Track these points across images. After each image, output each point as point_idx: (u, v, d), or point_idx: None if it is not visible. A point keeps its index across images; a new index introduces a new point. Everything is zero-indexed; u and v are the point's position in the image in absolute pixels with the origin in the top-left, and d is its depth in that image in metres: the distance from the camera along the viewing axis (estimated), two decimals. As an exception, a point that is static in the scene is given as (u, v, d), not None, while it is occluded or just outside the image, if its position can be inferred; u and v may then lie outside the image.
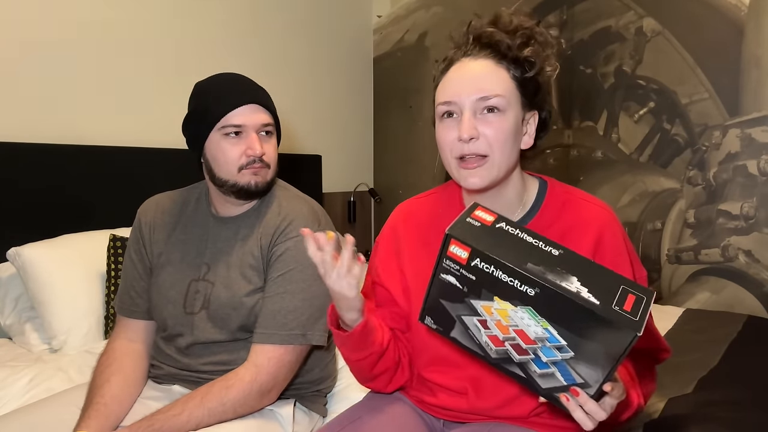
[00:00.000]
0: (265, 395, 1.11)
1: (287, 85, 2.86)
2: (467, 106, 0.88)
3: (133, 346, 1.22)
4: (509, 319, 0.71)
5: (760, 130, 2.35)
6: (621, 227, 0.95)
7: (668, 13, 2.55)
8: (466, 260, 0.70)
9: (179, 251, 1.22)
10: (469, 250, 0.69)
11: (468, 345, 0.78)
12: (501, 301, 0.71)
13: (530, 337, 0.71)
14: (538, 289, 0.67)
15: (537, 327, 0.70)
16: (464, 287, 0.72)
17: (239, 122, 1.13)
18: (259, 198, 1.21)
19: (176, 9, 2.34)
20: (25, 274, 1.63)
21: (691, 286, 2.57)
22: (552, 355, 0.71)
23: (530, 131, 0.94)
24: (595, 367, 0.69)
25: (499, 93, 0.87)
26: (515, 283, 0.68)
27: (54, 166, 1.86)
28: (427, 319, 0.80)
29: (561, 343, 0.69)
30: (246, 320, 1.15)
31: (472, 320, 0.75)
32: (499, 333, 0.73)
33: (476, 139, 0.88)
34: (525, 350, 0.73)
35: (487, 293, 0.71)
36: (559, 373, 0.72)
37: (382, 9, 3.42)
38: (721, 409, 1.28)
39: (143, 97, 2.22)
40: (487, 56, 0.89)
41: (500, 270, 0.68)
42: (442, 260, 0.72)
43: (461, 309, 0.75)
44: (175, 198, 1.29)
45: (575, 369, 0.71)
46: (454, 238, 0.70)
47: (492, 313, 0.72)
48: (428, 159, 3.28)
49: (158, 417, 1.03)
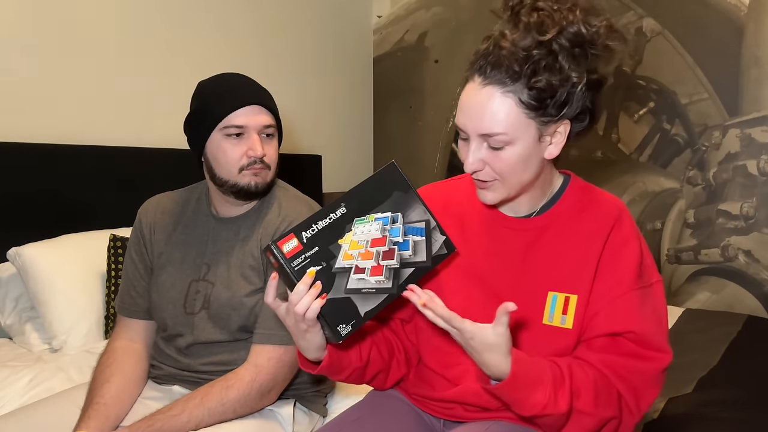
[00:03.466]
0: (265, 395, 1.11)
1: (287, 85, 2.86)
2: (472, 137, 0.87)
3: (133, 346, 1.22)
4: (360, 243, 0.83)
5: (759, 130, 2.35)
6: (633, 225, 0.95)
7: (668, 13, 2.55)
8: (300, 245, 0.80)
9: (180, 251, 1.22)
10: (292, 235, 0.80)
11: (376, 304, 0.84)
12: (343, 239, 0.83)
13: (379, 236, 0.84)
14: (342, 203, 0.83)
15: (372, 225, 0.84)
16: (322, 263, 0.81)
17: (241, 123, 1.13)
18: (258, 199, 1.21)
19: (176, 9, 2.34)
20: (25, 274, 1.63)
21: (691, 286, 2.57)
22: (397, 231, 0.85)
23: (557, 141, 0.89)
24: (413, 205, 0.87)
25: (500, 131, 0.83)
26: (331, 216, 0.82)
27: (54, 166, 1.86)
28: (340, 328, 0.82)
29: (387, 215, 0.85)
30: (246, 321, 1.15)
31: (352, 279, 0.83)
32: (371, 262, 0.84)
33: (480, 170, 0.88)
34: (389, 250, 0.85)
35: (334, 246, 0.82)
36: (414, 236, 0.86)
37: (382, 9, 3.42)
38: (721, 409, 1.28)
39: (143, 97, 2.22)
40: (493, 82, 0.83)
41: (320, 220, 0.82)
42: (292, 268, 0.80)
43: (339, 283, 0.82)
44: (176, 198, 1.29)
45: (411, 222, 0.86)
46: (277, 240, 0.79)
47: (351, 255, 0.83)
48: (428, 159, 3.28)
49: (158, 417, 1.03)
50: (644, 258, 0.93)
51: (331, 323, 0.81)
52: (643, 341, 0.88)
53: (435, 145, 3.26)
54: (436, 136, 3.24)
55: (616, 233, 0.92)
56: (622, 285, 0.89)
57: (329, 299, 0.81)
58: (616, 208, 0.95)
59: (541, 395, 0.82)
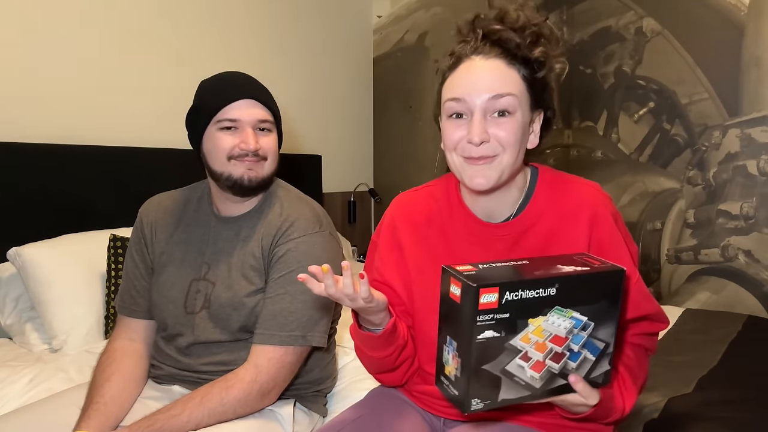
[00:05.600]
0: (265, 396, 1.11)
1: (287, 85, 2.86)
2: (478, 107, 0.86)
3: (133, 345, 1.22)
4: (544, 333, 0.76)
5: (759, 130, 2.36)
6: (611, 205, 0.96)
7: (668, 13, 2.55)
8: (497, 302, 0.71)
9: (181, 251, 1.22)
10: (497, 289, 0.71)
11: (516, 396, 0.77)
12: (534, 320, 0.75)
13: (562, 336, 0.77)
14: (557, 284, 0.74)
15: (565, 321, 0.76)
16: (501, 332, 0.73)
17: (234, 116, 1.13)
18: (255, 194, 1.21)
19: (177, 10, 2.34)
20: (25, 274, 1.63)
21: (691, 286, 2.57)
22: (580, 338, 0.78)
23: (536, 130, 0.94)
24: (608, 323, 0.79)
25: (511, 92, 0.86)
26: (540, 292, 0.73)
27: (54, 166, 1.86)
28: (474, 402, 0.75)
29: (583, 320, 0.77)
30: (247, 321, 1.15)
31: (515, 363, 0.75)
32: (539, 355, 0.76)
33: (487, 142, 0.87)
34: (561, 353, 0.78)
35: (522, 322, 0.74)
36: (588, 352, 0.79)
37: (382, 9, 3.42)
38: (721, 409, 1.28)
39: (143, 97, 2.22)
40: (498, 56, 0.87)
41: (526, 289, 0.73)
42: (475, 320, 0.71)
43: (503, 359, 0.75)
44: (177, 197, 1.29)
45: (596, 337, 0.79)
46: (482, 287, 0.70)
47: (530, 339, 0.75)
48: (428, 159, 3.28)
49: (158, 417, 1.03)
50: (626, 237, 0.95)
51: (470, 392, 0.75)
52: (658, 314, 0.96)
53: (435, 145, 3.26)
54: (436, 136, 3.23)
55: (598, 226, 0.92)
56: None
57: (483, 368, 0.74)
58: (590, 198, 0.94)
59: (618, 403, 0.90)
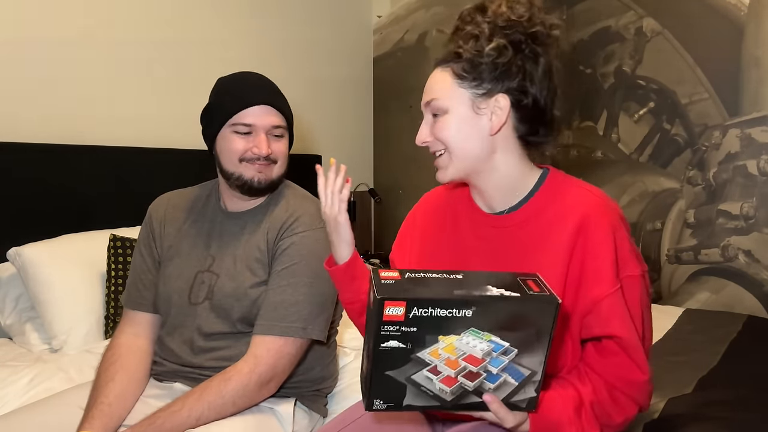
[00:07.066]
0: (263, 386, 1.11)
1: (287, 85, 2.84)
2: (425, 114, 0.98)
3: (137, 342, 1.23)
4: (456, 351, 0.74)
5: (759, 130, 2.35)
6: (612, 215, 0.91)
7: (668, 13, 2.55)
8: (403, 316, 0.71)
9: (187, 244, 1.25)
10: (404, 304, 0.71)
11: (422, 404, 0.77)
12: (445, 338, 0.73)
13: (478, 357, 0.74)
14: (474, 307, 0.72)
15: (482, 343, 0.74)
16: (408, 344, 0.73)
17: (250, 122, 1.17)
18: (263, 195, 1.24)
19: (176, 10, 2.34)
20: (25, 274, 1.63)
21: (691, 286, 2.57)
22: (500, 362, 0.75)
23: (499, 116, 0.91)
24: (535, 352, 0.75)
25: (433, 97, 0.94)
26: (454, 312, 0.72)
27: (54, 166, 1.86)
28: (376, 402, 0.77)
29: (504, 346, 0.74)
30: (248, 312, 1.17)
31: (422, 374, 0.75)
32: (451, 371, 0.75)
33: (427, 141, 0.97)
34: (476, 373, 0.76)
35: (432, 338, 0.73)
36: (509, 376, 0.77)
37: (382, 9, 3.42)
38: (721, 409, 1.28)
39: (143, 97, 2.22)
40: (440, 64, 0.96)
41: (438, 307, 0.71)
42: (380, 329, 0.72)
43: (409, 369, 0.75)
44: (187, 194, 1.33)
45: (521, 364, 0.76)
46: (387, 300, 0.70)
47: (439, 355, 0.74)
48: (428, 159, 3.25)
49: (159, 414, 1.04)
50: (619, 252, 0.89)
51: (372, 392, 0.76)
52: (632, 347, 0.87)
53: (435, 145, 3.25)
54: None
55: (586, 232, 0.89)
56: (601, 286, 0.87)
57: (386, 374, 0.75)
58: (587, 203, 0.91)
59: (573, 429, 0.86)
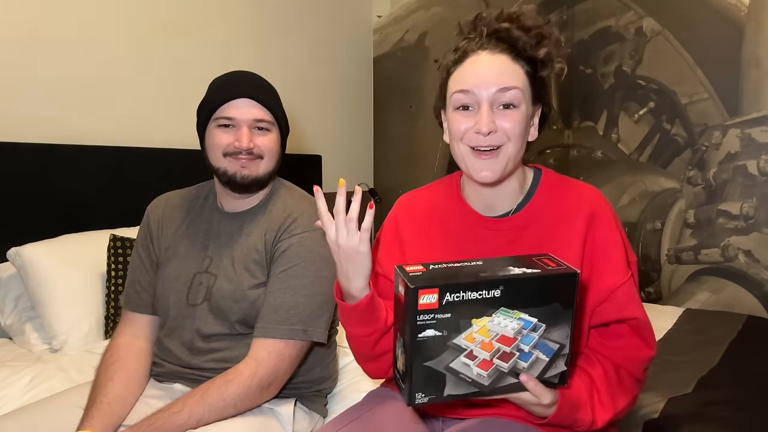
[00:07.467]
0: (264, 389, 1.11)
1: (287, 86, 2.85)
2: (485, 99, 0.91)
3: (136, 342, 1.23)
4: (490, 333, 0.77)
5: (759, 130, 2.36)
6: (611, 209, 0.98)
7: (668, 13, 2.55)
8: (437, 303, 0.74)
9: (185, 245, 1.25)
10: (436, 291, 0.74)
11: (462, 392, 0.79)
12: (478, 321, 0.76)
13: (510, 336, 0.77)
14: (502, 287, 0.75)
15: (513, 322, 0.77)
16: (443, 331, 0.75)
17: (231, 115, 1.17)
18: (251, 191, 1.23)
19: (176, 10, 2.34)
20: (25, 274, 1.63)
21: (691, 286, 2.57)
22: (530, 339, 0.78)
23: (535, 124, 0.98)
24: (561, 325, 0.79)
25: (517, 86, 0.90)
26: (483, 293, 0.75)
27: (54, 166, 1.86)
28: (418, 396, 0.78)
29: (533, 321, 0.78)
30: (247, 314, 1.16)
31: (459, 360, 0.77)
32: (486, 354, 0.77)
33: (494, 132, 0.91)
34: (510, 353, 0.79)
35: (465, 322, 0.76)
36: (540, 353, 0.79)
37: (382, 9, 3.42)
38: (721, 409, 1.28)
39: (143, 97, 2.22)
40: (504, 51, 0.92)
41: (469, 291, 0.75)
42: (416, 319, 0.74)
43: (447, 357, 0.77)
44: (185, 195, 1.33)
45: (549, 339, 0.79)
46: (421, 288, 0.73)
47: (474, 338, 0.76)
48: (428, 159, 3.28)
49: (159, 415, 1.03)
50: (624, 241, 0.96)
51: (413, 386, 0.78)
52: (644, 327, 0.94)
53: (435, 145, 3.26)
54: (436, 136, 3.24)
55: (595, 226, 0.95)
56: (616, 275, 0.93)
57: (425, 365, 0.76)
58: (590, 199, 0.97)
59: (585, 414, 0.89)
